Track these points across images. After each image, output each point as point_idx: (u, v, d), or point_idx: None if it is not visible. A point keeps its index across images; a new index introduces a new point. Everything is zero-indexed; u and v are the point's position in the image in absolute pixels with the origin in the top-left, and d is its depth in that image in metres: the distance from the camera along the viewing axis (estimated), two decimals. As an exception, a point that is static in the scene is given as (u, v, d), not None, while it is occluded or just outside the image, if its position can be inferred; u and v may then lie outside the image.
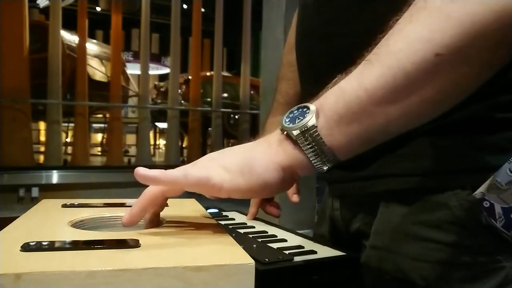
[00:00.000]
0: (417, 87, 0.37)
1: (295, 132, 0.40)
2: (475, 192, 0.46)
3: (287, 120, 0.42)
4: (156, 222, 0.48)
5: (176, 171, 0.42)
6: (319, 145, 0.39)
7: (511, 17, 0.35)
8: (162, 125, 7.88)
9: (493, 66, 0.38)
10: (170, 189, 0.45)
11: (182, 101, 7.05)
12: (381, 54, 0.38)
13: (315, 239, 0.61)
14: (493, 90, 0.47)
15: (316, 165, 0.40)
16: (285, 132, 0.41)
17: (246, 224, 0.69)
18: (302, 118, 0.40)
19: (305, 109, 0.41)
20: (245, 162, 0.41)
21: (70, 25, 6.28)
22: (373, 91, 0.37)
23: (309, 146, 0.40)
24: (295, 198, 0.72)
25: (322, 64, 0.59)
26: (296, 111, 0.42)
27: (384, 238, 0.53)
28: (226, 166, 0.41)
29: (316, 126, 0.39)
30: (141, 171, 0.42)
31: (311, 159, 0.40)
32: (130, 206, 0.58)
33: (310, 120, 0.39)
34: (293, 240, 0.58)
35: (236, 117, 7.15)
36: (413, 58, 0.36)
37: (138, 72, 7.30)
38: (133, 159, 6.51)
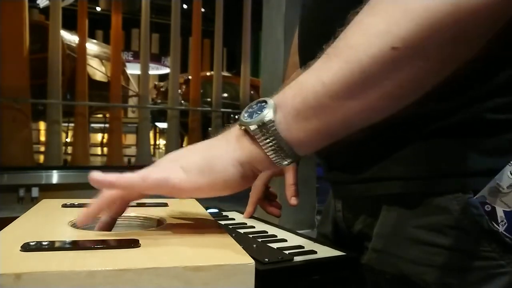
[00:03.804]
0: (374, 82, 0.36)
1: (252, 127, 0.39)
2: (476, 196, 0.44)
3: (245, 115, 0.41)
4: (111, 225, 0.47)
5: (134, 174, 0.42)
6: (277, 140, 0.39)
7: (469, 11, 0.34)
8: (162, 125, 7.88)
9: (453, 62, 0.37)
10: (129, 193, 0.45)
11: (182, 101, 7.05)
12: (339, 48, 0.38)
13: (315, 239, 0.61)
14: (491, 91, 0.46)
15: (275, 161, 0.40)
16: (243, 127, 0.41)
17: (246, 224, 0.69)
18: (260, 112, 0.39)
19: (264, 103, 0.40)
20: (205, 162, 0.41)
21: (70, 25, 6.29)
22: (330, 86, 0.37)
23: (266, 141, 0.39)
24: (293, 201, 0.72)
25: None
26: (255, 106, 0.41)
27: (386, 242, 0.53)
28: (186, 167, 0.41)
29: (274, 121, 0.38)
30: (95, 175, 0.41)
31: (269, 154, 0.39)
32: (130, 206, 0.58)
33: (268, 114, 0.39)
34: (293, 240, 0.58)
35: (236, 117, 7.13)
36: (370, 51, 0.35)
37: (138, 72, 7.30)
38: (133, 159, 6.50)
